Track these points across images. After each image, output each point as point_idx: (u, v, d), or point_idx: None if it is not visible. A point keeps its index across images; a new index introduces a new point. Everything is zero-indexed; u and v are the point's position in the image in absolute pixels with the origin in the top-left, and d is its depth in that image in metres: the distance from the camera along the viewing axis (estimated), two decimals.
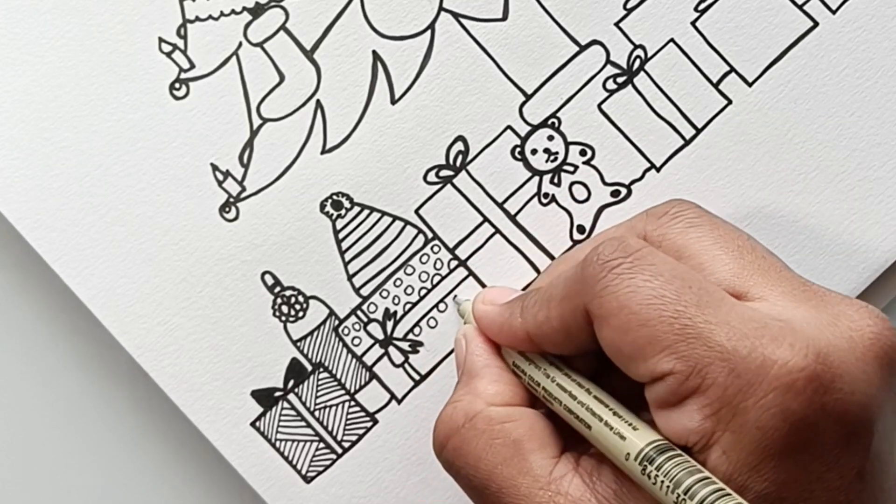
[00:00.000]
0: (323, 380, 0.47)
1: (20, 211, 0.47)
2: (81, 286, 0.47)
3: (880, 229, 0.47)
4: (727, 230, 0.41)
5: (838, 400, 0.36)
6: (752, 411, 0.36)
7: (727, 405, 0.36)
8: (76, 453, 0.49)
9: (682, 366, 0.37)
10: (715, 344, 0.37)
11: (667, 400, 0.37)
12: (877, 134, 0.47)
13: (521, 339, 0.42)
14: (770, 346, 0.36)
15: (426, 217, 0.47)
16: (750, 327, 0.37)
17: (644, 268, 0.38)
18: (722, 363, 0.36)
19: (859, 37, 0.47)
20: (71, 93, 0.47)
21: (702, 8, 0.47)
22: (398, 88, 0.47)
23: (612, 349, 0.38)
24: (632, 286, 0.38)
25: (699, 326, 0.37)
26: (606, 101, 0.47)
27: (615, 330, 0.38)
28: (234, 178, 0.47)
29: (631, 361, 0.38)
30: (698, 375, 0.36)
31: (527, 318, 0.42)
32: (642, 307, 0.37)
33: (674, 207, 0.42)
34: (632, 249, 0.39)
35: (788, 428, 0.36)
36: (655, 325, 0.37)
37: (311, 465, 0.47)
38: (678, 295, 0.37)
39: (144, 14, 0.47)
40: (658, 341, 0.37)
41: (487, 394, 0.42)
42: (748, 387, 0.36)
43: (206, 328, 0.47)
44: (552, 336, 0.41)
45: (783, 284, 0.39)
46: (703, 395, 0.36)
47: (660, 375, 0.37)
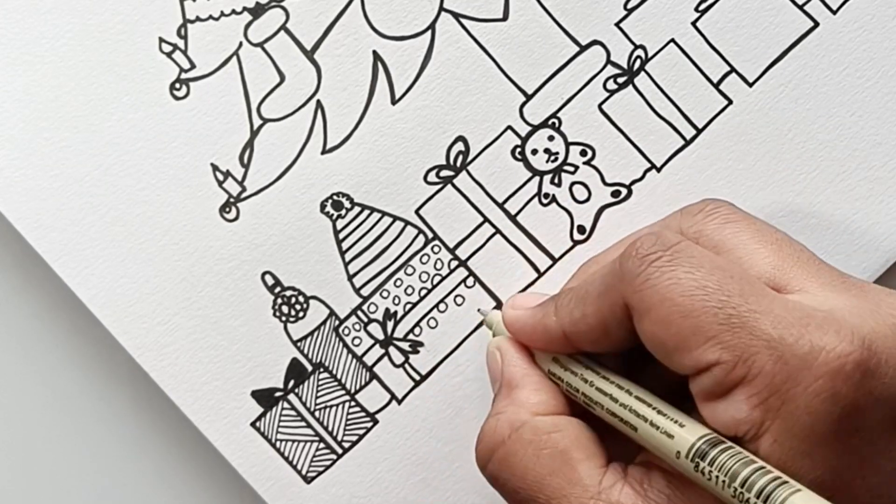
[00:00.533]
0: (323, 380, 0.47)
1: (20, 211, 0.47)
2: (81, 286, 0.47)
3: (880, 229, 0.47)
4: (763, 225, 0.41)
5: (885, 385, 0.36)
6: (801, 397, 0.36)
7: (776, 393, 0.36)
8: (76, 453, 0.49)
9: (728, 355, 0.36)
10: (761, 332, 0.36)
11: (713, 391, 0.37)
12: (877, 134, 0.47)
13: (557, 339, 0.42)
14: (816, 334, 0.36)
15: (426, 217, 0.47)
16: (795, 316, 0.37)
17: (684, 260, 0.38)
18: (769, 351, 0.36)
19: (859, 37, 0.47)
20: (71, 93, 0.47)
21: (702, 8, 0.47)
22: (398, 88, 0.47)
23: (655, 342, 0.38)
24: (673, 278, 0.38)
25: (744, 315, 0.37)
26: (607, 101, 0.47)
27: (657, 323, 0.38)
28: (235, 178, 0.47)
29: (675, 353, 0.38)
30: (745, 364, 0.36)
31: (562, 316, 0.41)
32: (685, 298, 0.37)
33: (709, 205, 0.42)
34: (671, 243, 0.39)
35: (839, 412, 0.36)
36: (699, 315, 0.37)
37: (311, 465, 0.47)
38: (721, 285, 0.37)
39: (144, 14, 0.47)
40: (702, 331, 0.37)
41: (531, 403, 0.41)
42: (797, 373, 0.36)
43: (206, 328, 0.47)
44: (589, 333, 0.40)
45: (822, 276, 0.39)
46: (750, 384, 0.36)
47: (705, 366, 0.37)
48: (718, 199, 0.43)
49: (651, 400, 0.39)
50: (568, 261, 0.47)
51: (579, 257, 0.47)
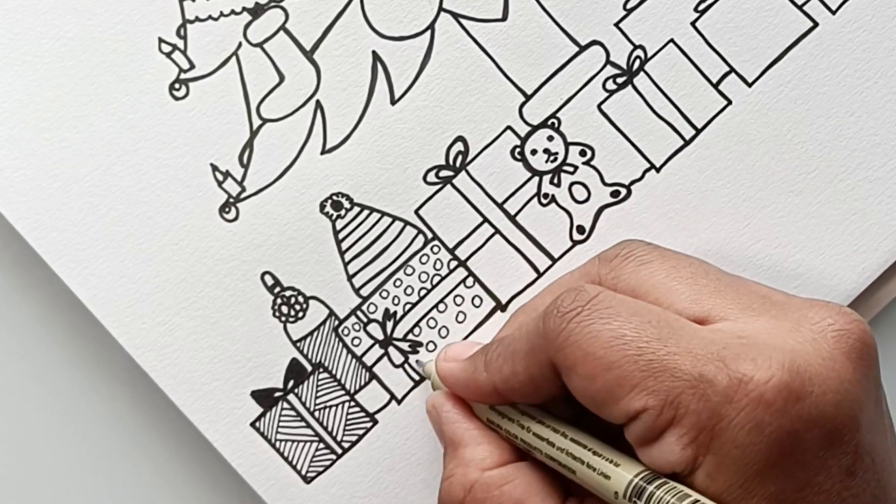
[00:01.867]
0: (323, 380, 0.47)
1: (20, 211, 0.47)
2: (81, 286, 0.47)
3: (880, 229, 0.47)
4: (678, 260, 0.42)
5: (811, 404, 0.37)
6: (727, 432, 0.36)
7: (704, 430, 0.37)
8: (76, 453, 0.49)
9: (654, 401, 0.37)
10: (681, 373, 0.37)
11: (646, 437, 0.38)
12: (877, 134, 0.47)
13: (489, 394, 0.42)
14: (734, 365, 0.37)
15: (426, 217, 0.47)
16: (713, 350, 0.37)
17: (602, 312, 0.39)
18: (691, 391, 0.37)
19: (859, 37, 0.47)
20: (71, 93, 0.47)
21: (702, 8, 0.47)
22: (398, 89, 0.47)
23: (584, 397, 0.39)
24: (592, 331, 0.38)
25: (664, 359, 0.37)
26: (606, 101, 0.47)
27: (583, 378, 0.38)
28: (234, 178, 0.47)
29: (604, 406, 0.38)
30: (671, 407, 0.37)
31: (492, 372, 0.42)
32: (606, 350, 0.38)
33: (624, 248, 0.42)
34: (589, 297, 0.39)
35: (766, 441, 0.36)
36: (621, 365, 0.38)
37: (311, 465, 0.47)
38: (639, 332, 0.38)
39: (144, 14, 0.47)
40: (626, 381, 0.37)
41: (476, 459, 0.42)
42: (720, 408, 0.36)
43: (206, 328, 0.47)
44: (521, 389, 0.41)
45: (741, 300, 0.40)
46: (679, 425, 0.37)
47: (634, 414, 0.38)
48: (634, 240, 0.43)
49: (588, 441, 0.40)
50: (567, 261, 0.47)
51: (579, 257, 0.47)
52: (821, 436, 0.37)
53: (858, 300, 0.47)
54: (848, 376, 0.38)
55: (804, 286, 0.47)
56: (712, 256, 0.47)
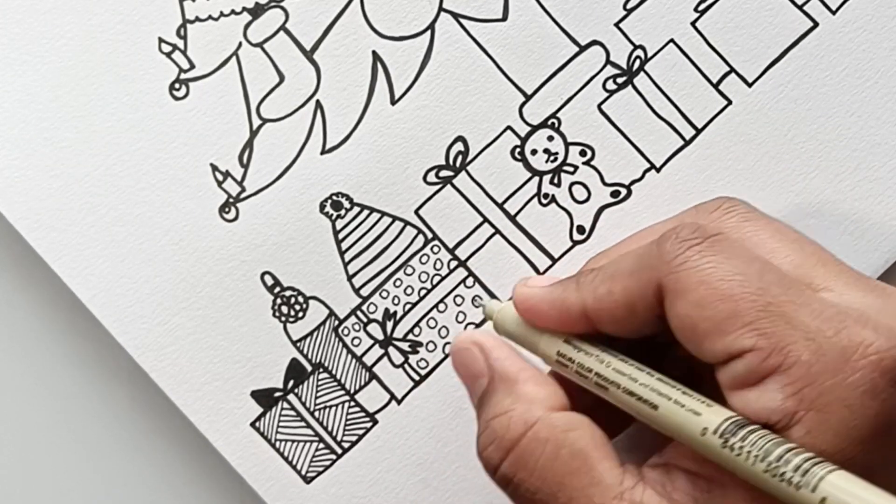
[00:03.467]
0: (323, 380, 0.47)
1: (20, 211, 0.47)
2: (81, 286, 0.47)
3: (880, 229, 0.47)
4: (781, 225, 0.40)
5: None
6: (839, 389, 0.35)
7: (812, 384, 0.35)
8: (76, 453, 0.49)
9: (764, 342, 0.36)
10: (799, 323, 0.36)
11: (745, 379, 0.36)
12: (877, 134, 0.47)
13: (575, 317, 0.40)
14: (854, 328, 0.36)
15: (426, 217, 0.47)
16: (832, 311, 0.36)
17: (725, 247, 0.37)
18: (807, 342, 0.36)
19: (859, 37, 0.47)
20: (71, 93, 0.47)
21: (702, 8, 0.47)
22: (398, 89, 0.47)
23: (686, 326, 0.37)
24: (713, 262, 0.37)
25: (783, 305, 0.36)
26: (606, 101, 0.47)
27: (692, 305, 0.37)
28: (234, 178, 0.47)
29: (707, 338, 0.37)
30: (781, 353, 0.36)
31: (585, 292, 0.40)
32: (724, 282, 0.36)
33: (725, 203, 0.41)
34: (710, 232, 0.38)
35: (877, 407, 0.35)
36: (738, 300, 0.36)
37: (311, 465, 0.47)
38: (761, 274, 0.37)
39: (144, 14, 0.47)
40: (739, 317, 0.36)
41: (541, 397, 0.40)
42: (835, 365, 0.35)
43: (206, 328, 0.47)
44: (614, 311, 0.39)
45: (844, 276, 0.39)
46: (785, 373, 0.35)
47: (738, 352, 0.36)
48: (734, 197, 0.42)
49: (675, 383, 0.38)
50: (567, 261, 0.47)
51: (579, 257, 0.47)
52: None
53: None
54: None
55: None
56: None
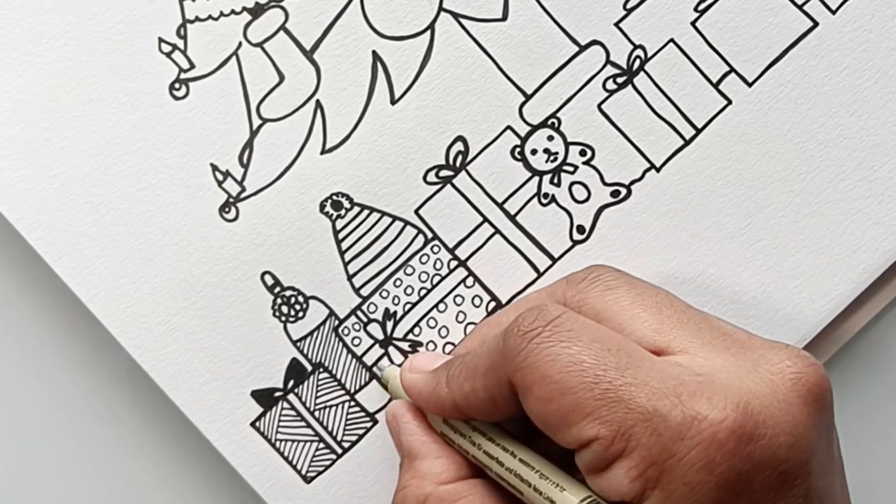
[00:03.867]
0: (323, 380, 0.47)
1: (20, 211, 0.47)
2: (81, 286, 0.47)
3: (880, 229, 0.47)
4: (645, 288, 0.41)
5: (764, 446, 0.36)
6: (677, 468, 0.36)
7: (653, 465, 0.36)
8: (76, 453, 0.49)
9: (605, 430, 0.37)
10: (636, 406, 0.37)
11: (595, 465, 0.38)
12: (877, 134, 0.47)
13: (450, 409, 0.42)
14: (689, 402, 0.37)
15: (426, 217, 0.47)
16: (669, 385, 0.37)
17: (563, 335, 0.39)
18: (644, 424, 0.37)
19: (859, 37, 0.47)
20: (71, 93, 0.47)
21: (702, 8, 0.47)
22: (398, 88, 0.47)
23: (539, 419, 0.39)
24: (551, 354, 0.38)
25: (620, 389, 0.37)
26: (606, 101, 0.47)
27: (539, 400, 0.38)
28: (234, 178, 0.47)
29: (557, 430, 0.38)
30: (622, 439, 0.37)
31: (453, 388, 0.42)
32: (563, 375, 0.38)
33: (592, 272, 0.42)
34: (550, 317, 0.39)
35: (716, 481, 0.36)
36: (577, 391, 0.37)
37: (311, 465, 0.47)
38: (598, 359, 0.38)
39: (144, 14, 0.47)
40: (581, 408, 0.37)
41: (433, 473, 0.42)
42: (671, 444, 0.36)
43: (206, 328, 0.47)
44: (480, 406, 0.41)
45: (703, 335, 0.40)
46: (628, 457, 0.37)
47: (586, 442, 0.37)
48: (603, 265, 0.43)
49: (536, 463, 0.40)
50: (567, 261, 0.47)
51: (579, 257, 0.47)
52: (772, 478, 0.37)
53: (859, 300, 0.47)
54: (802, 420, 0.37)
55: (804, 286, 0.47)
56: (712, 256, 0.47)
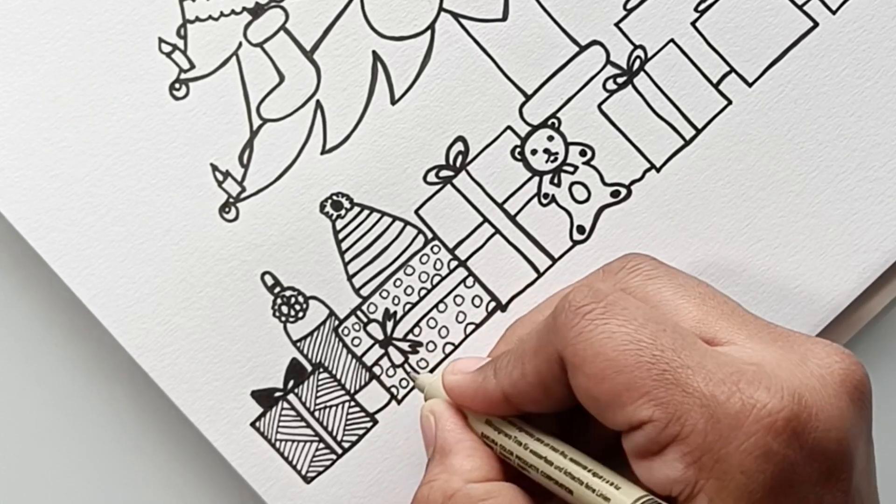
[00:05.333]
0: (323, 380, 0.47)
1: (20, 211, 0.47)
2: (81, 286, 0.47)
3: (880, 229, 0.47)
4: (686, 279, 0.41)
5: (816, 438, 0.36)
6: (734, 456, 0.36)
7: (709, 452, 0.36)
8: (75, 453, 0.49)
9: (661, 413, 0.36)
10: (693, 389, 0.36)
11: (647, 449, 0.37)
12: (877, 134, 0.47)
13: (498, 402, 0.41)
14: (747, 390, 0.36)
15: (426, 217, 0.47)
16: (725, 372, 0.37)
17: (617, 312, 0.38)
18: (701, 409, 0.36)
19: (859, 37, 0.47)
20: (71, 93, 0.47)
21: (702, 8, 0.47)
22: (398, 89, 0.47)
23: (588, 397, 0.38)
24: (606, 332, 0.37)
25: (677, 371, 0.37)
26: (606, 101, 0.47)
27: (591, 377, 0.37)
28: (234, 178, 0.47)
29: (608, 409, 0.37)
30: (678, 422, 0.36)
31: (501, 377, 0.41)
32: (618, 353, 0.37)
33: (630, 262, 0.42)
34: (603, 295, 0.38)
35: (772, 469, 0.36)
36: (633, 370, 0.37)
37: (311, 465, 0.47)
38: (654, 339, 0.37)
39: (144, 14, 0.47)
40: (636, 388, 0.37)
41: (464, 470, 0.41)
42: (729, 432, 0.36)
43: (206, 328, 0.47)
44: (529, 392, 0.40)
45: (748, 327, 0.39)
46: (683, 442, 0.36)
47: (638, 423, 0.37)
48: (640, 254, 0.43)
49: (586, 462, 0.39)
50: (567, 261, 0.47)
51: (579, 257, 0.47)
52: (820, 471, 0.36)
53: (859, 300, 0.47)
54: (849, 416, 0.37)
55: (804, 286, 0.47)
56: (712, 256, 0.47)
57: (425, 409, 0.44)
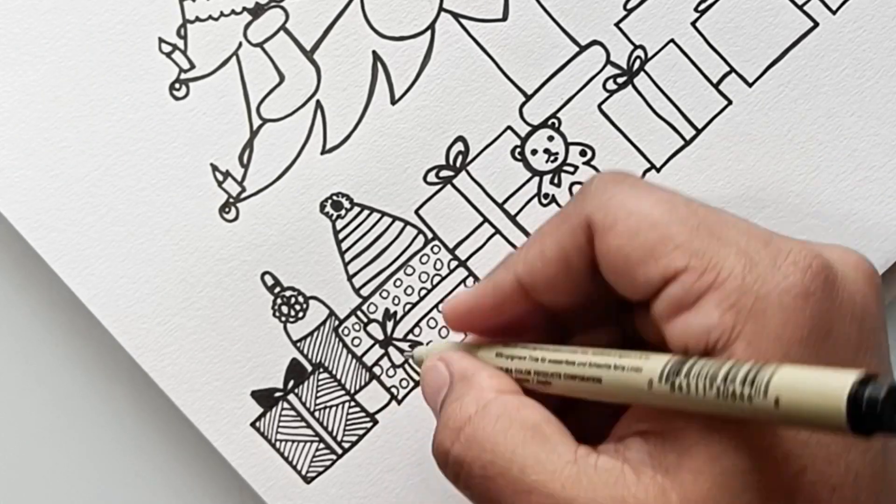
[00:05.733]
0: (323, 380, 0.47)
1: (20, 211, 0.47)
2: (81, 286, 0.47)
3: (880, 229, 0.47)
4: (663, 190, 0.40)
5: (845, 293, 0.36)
6: (773, 294, 0.35)
7: (746, 293, 0.35)
8: (75, 453, 0.49)
9: (696, 261, 0.36)
10: (730, 239, 0.36)
11: (681, 301, 0.36)
12: (877, 134, 0.47)
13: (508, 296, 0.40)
14: (781, 243, 0.36)
15: (426, 217, 0.47)
16: (758, 231, 0.37)
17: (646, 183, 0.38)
18: (738, 256, 0.35)
19: (859, 37, 0.47)
20: (71, 93, 0.47)
21: (702, 8, 0.47)
22: (398, 89, 0.47)
23: (619, 257, 0.37)
24: (638, 194, 0.37)
25: (713, 225, 0.36)
26: (606, 101, 0.47)
27: (623, 235, 0.37)
28: (234, 178, 0.47)
29: (640, 266, 0.36)
30: (714, 269, 0.35)
31: (515, 264, 0.40)
32: (653, 209, 0.36)
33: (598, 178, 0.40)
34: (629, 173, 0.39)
35: (811, 310, 0.35)
36: (668, 224, 0.36)
37: (311, 465, 0.47)
38: (687, 201, 0.37)
39: (144, 14, 0.47)
40: (671, 239, 0.36)
41: (492, 384, 0.39)
42: (766, 272, 0.35)
43: (206, 328, 0.47)
44: (547, 271, 0.39)
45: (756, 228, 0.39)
46: (720, 288, 0.35)
47: (672, 274, 0.36)
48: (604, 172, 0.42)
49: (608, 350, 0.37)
50: None
51: None
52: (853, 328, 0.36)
53: None
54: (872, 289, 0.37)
55: None
56: None
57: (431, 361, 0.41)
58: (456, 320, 0.42)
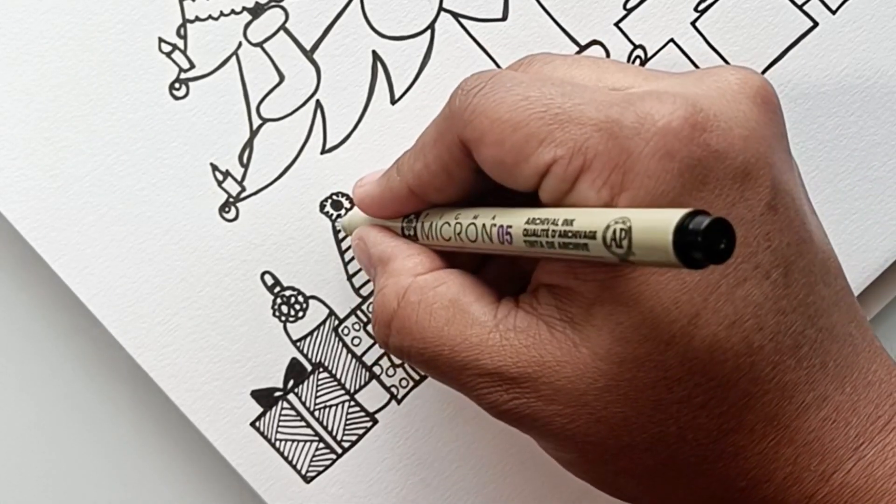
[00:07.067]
0: (323, 380, 0.47)
1: (20, 211, 0.47)
2: (81, 286, 0.47)
3: (880, 229, 0.47)
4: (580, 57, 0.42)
5: (719, 136, 0.37)
6: (639, 164, 0.36)
7: (615, 168, 0.36)
8: (75, 453, 0.49)
9: (562, 150, 0.37)
10: (587, 119, 0.37)
11: (559, 189, 0.37)
12: (877, 134, 0.47)
13: (405, 198, 0.42)
14: (639, 105, 0.37)
15: None
16: (617, 98, 0.38)
17: (504, 82, 0.39)
18: (598, 134, 0.37)
19: (859, 37, 0.47)
20: (71, 93, 0.47)
21: (702, 8, 0.47)
22: (398, 88, 0.47)
23: (495, 166, 0.39)
24: (497, 99, 0.38)
25: (569, 111, 0.37)
26: None
27: (492, 145, 0.38)
28: (234, 178, 0.47)
29: (514, 168, 0.38)
30: (580, 153, 0.37)
31: (405, 173, 0.42)
32: (511, 113, 0.38)
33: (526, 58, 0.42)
34: (492, 74, 0.39)
35: (678, 167, 0.36)
36: (528, 123, 0.38)
37: (310, 465, 0.47)
38: (542, 92, 0.38)
39: (144, 14, 0.47)
40: (534, 137, 0.37)
41: (407, 268, 0.42)
42: (628, 143, 0.36)
43: (206, 328, 0.47)
44: (433, 181, 0.41)
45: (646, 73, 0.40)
46: (590, 170, 0.37)
47: (545, 168, 0.37)
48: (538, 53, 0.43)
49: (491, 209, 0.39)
50: None
51: None
52: (734, 167, 0.37)
53: (858, 300, 0.47)
54: (753, 116, 0.38)
55: None
56: None
57: (354, 238, 0.45)
58: (365, 208, 0.44)
